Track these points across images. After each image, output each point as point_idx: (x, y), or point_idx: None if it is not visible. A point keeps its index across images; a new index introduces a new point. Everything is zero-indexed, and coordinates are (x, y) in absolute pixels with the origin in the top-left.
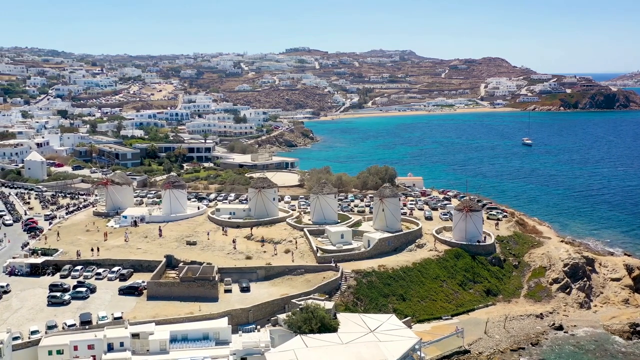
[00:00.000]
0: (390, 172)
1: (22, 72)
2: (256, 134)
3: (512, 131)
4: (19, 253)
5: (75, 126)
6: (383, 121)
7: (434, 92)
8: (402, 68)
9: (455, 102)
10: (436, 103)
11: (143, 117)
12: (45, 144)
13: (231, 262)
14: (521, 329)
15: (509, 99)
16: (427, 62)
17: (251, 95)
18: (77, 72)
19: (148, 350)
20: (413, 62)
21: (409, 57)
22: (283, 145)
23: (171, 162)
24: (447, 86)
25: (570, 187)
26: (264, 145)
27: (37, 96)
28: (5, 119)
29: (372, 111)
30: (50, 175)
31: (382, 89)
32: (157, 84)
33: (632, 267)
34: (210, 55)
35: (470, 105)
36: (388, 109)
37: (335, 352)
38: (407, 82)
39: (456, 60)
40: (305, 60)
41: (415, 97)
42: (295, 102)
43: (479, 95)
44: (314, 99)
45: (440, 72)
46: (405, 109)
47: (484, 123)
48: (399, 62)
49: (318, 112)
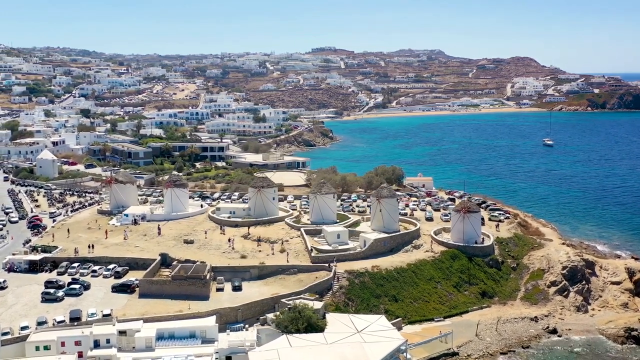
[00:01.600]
0: (397, 172)
1: (49, 72)
2: (275, 134)
3: (534, 131)
4: (18, 250)
5: (96, 125)
6: (405, 121)
7: (459, 92)
8: (429, 68)
9: (481, 102)
10: (461, 103)
11: (164, 117)
12: (60, 142)
13: (226, 261)
14: (514, 332)
15: (536, 99)
16: (455, 61)
17: (275, 94)
18: (103, 71)
19: (134, 347)
20: (440, 62)
21: (436, 56)
22: (302, 145)
23: (184, 161)
24: (473, 86)
25: (584, 188)
26: (283, 144)
27: (61, 95)
28: (28, 118)
29: (395, 111)
30: (62, 173)
31: (407, 89)
32: (180, 84)
33: (634, 270)
34: (236, 55)
35: (496, 105)
36: (412, 109)
37: (319, 352)
38: (433, 81)
39: (484, 59)
40: (330, 60)
41: (441, 97)
42: (318, 102)
43: (505, 95)
44: (338, 99)
45: (468, 71)
46: (429, 108)
47: (506, 123)
48: (426, 62)
49: (341, 111)
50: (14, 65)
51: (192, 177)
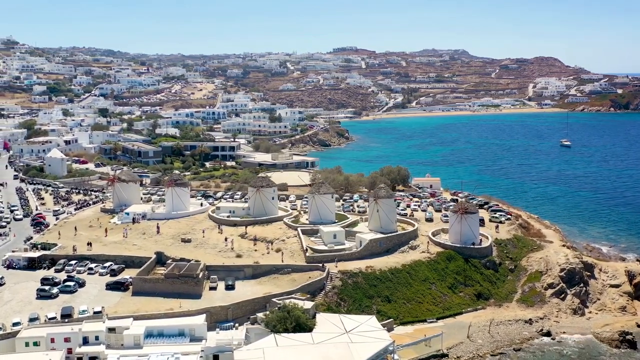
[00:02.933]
0: (403, 172)
1: (70, 72)
2: (290, 133)
3: (552, 132)
4: (18, 247)
5: (112, 124)
6: (424, 121)
7: (480, 92)
8: (451, 67)
9: (502, 102)
10: (482, 103)
11: (180, 116)
12: (73, 141)
13: (222, 260)
14: (506, 334)
15: (558, 100)
16: (478, 61)
17: (294, 94)
18: (123, 71)
19: (122, 344)
20: (463, 62)
21: (459, 56)
22: (317, 145)
23: (195, 159)
24: (495, 86)
25: (595, 189)
26: (298, 144)
27: (81, 95)
28: (46, 117)
29: (415, 111)
30: (71, 172)
31: (428, 89)
32: (199, 83)
33: (634, 273)
34: (258, 54)
35: (517, 106)
36: (432, 109)
37: (304, 351)
38: (454, 81)
39: (507, 59)
40: (351, 60)
41: (461, 97)
42: (337, 102)
43: (527, 95)
44: (357, 99)
45: (491, 71)
46: (449, 109)
47: (525, 123)
48: (448, 62)
49: (360, 111)
50: (36, 65)
51: (199, 176)
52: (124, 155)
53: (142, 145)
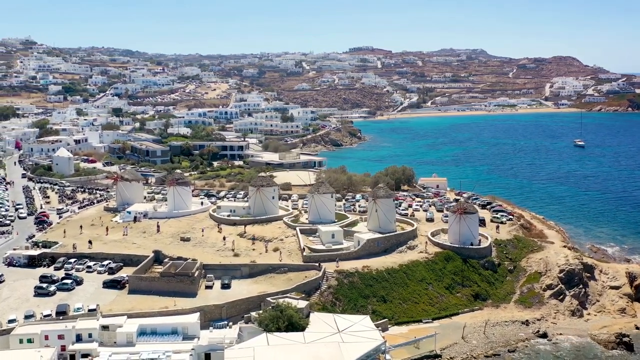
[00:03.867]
0: (408, 172)
1: (86, 71)
2: (302, 133)
3: (566, 132)
4: (19, 245)
5: (125, 124)
6: (438, 121)
7: (496, 92)
8: (468, 67)
9: (518, 102)
10: (498, 103)
11: (193, 116)
12: (83, 140)
13: (219, 259)
14: (502, 335)
15: (575, 99)
16: (495, 61)
17: (309, 94)
18: (139, 71)
19: (115, 342)
20: (480, 61)
21: (477, 56)
22: (328, 144)
23: (203, 159)
24: (511, 86)
25: (604, 189)
26: (309, 144)
27: (96, 94)
28: (60, 117)
29: (430, 111)
30: (78, 171)
31: (444, 89)
32: (213, 83)
33: (635, 275)
34: (274, 54)
35: (534, 106)
36: (447, 109)
37: (294, 351)
38: (470, 81)
39: (525, 59)
40: (367, 60)
41: (477, 96)
42: (352, 102)
43: (544, 95)
44: (372, 99)
45: (508, 71)
46: (464, 108)
47: (540, 123)
48: (465, 62)
49: (374, 111)
50: (53, 65)
51: (205, 175)
52: (132, 154)
53: (150, 144)
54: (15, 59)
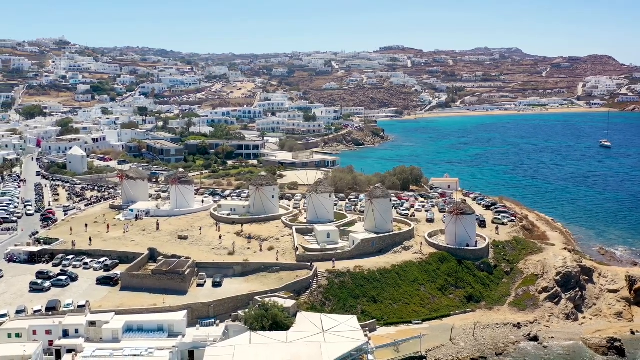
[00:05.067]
0: (416, 172)
1: (116, 71)
2: (324, 132)
3: (594, 132)
4: (21, 241)
5: (148, 122)
6: (465, 121)
7: (528, 92)
8: (501, 66)
9: (549, 101)
10: (528, 103)
11: (216, 115)
12: (101, 139)
13: (214, 257)
14: (492, 338)
15: (607, 99)
16: (529, 60)
17: (337, 93)
18: (167, 70)
19: (101, 338)
20: (514, 60)
21: (511, 55)
22: (350, 144)
23: (218, 158)
24: (543, 85)
25: (621, 191)
26: (331, 143)
27: (123, 93)
28: (85, 115)
29: (458, 110)
30: (92, 169)
31: (474, 88)
32: (239, 82)
33: (635, 278)
34: (305, 53)
35: (565, 105)
36: (475, 109)
37: (275, 350)
38: (501, 80)
39: (559, 58)
40: (397, 59)
41: (508, 96)
42: (379, 101)
43: (576, 94)
44: (399, 98)
45: (542, 70)
46: (494, 108)
47: (569, 123)
48: (498, 60)
49: (401, 111)
50: (83, 65)
51: (215, 174)
52: (148, 153)
53: (165, 143)
54: (48, 59)
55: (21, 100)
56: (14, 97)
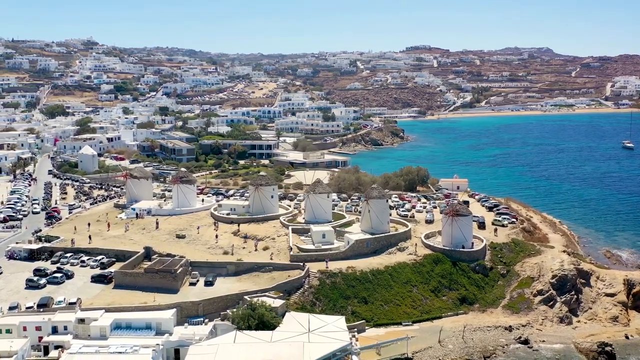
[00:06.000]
0: (422, 173)
1: (140, 71)
2: (342, 132)
3: (618, 133)
4: (24, 239)
5: (167, 122)
6: (488, 121)
7: (554, 92)
8: (529, 66)
9: (576, 102)
10: (555, 103)
11: (236, 115)
12: (116, 138)
13: (209, 257)
14: (481, 341)
15: (636, 99)
16: (559, 59)
17: (360, 93)
18: (191, 70)
19: (89, 335)
20: (543, 60)
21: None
22: (369, 144)
23: (231, 157)
24: (570, 85)
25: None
26: (349, 143)
27: (146, 93)
28: (106, 115)
29: (482, 110)
30: (102, 168)
31: (500, 88)
32: (261, 82)
33: (634, 282)
34: (331, 53)
35: (592, 106)
36: (500, 109)
37: (257, 349)
38: (528, 80)
39: (589, 57)
40: (423, 59)
41: (534, 96)
42: (403, 101)
43: (604, 95)
44: (423, 98)
45: (571, 70)
46: (519, 108)
47: (594, 124)
48: (527, 60)
49: (424, 111)
50: (109, 65)
51: (223, 174)
52: (160, 152)
53: (177, 142)
54: (74, 59)
55: (45, 100)
56: (39, 96)
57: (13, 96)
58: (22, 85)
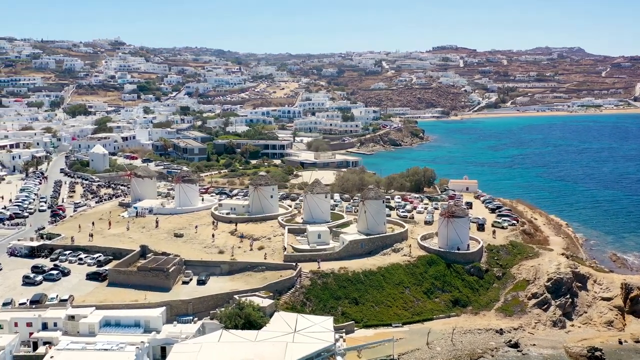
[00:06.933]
0: (429, 174)
1: (164, 71)
2: (361, 132)
3: None
4: (27, 236)
5: (186, 122)
6: (512, 122)
7: (582, 92)
8: (558, 66)
9: (604, 102)
10: (582, 103)
11: (256, 114)
12: (131, 138)
13: (204, 255)
14: (470, 343)
15: None
16: (589, 59)
17: (384, 93)
18: (214, 70)
19: (78, 332)
20: (572, 60)
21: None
22: (387, 144)
23: (243, 157)
24: (599, 85)
25: None
26: (367, 143)
27: (169, 93)
28: (127, 114)
29: (507, 111)
30: (113, 166)
31: (527, 88)
32: (283, 82)
33: (631, 286)
34: (357, 53)
35: (621, 106)
36: (526, 109)
37: (240, 348)
38: (556, 80)
39: (621, 57)
40: (449, 59)
41: (561, 96)
42: (427, 101)
43: (633, 95)
44: (447, 98)
45: (601, 70)
46: (545, 109)
47: (620, 125)
48: (556, 60)
49: (448, 111)
50: (134, 65)
51: (234, 173)
52: (173, 152)
53: (190, 142)
54: (100, 59)
55: (70, 100)
56: (63, 96)
57: (38, 96)
58: (47, 85)
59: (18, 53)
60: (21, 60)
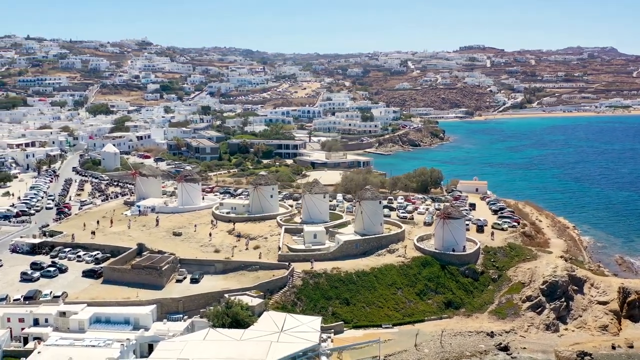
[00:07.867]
0: (436, 174)
1: (188, 71)
2: (380, 132)
3: None
4: (31, 233)
5: (206, 121)
6: (537, 122)
7: (611, 92)
8: (587, 66)
9: (633, 103)
10: (610, 104)
11: (276, 114)
12: (146, 137)
13: (201, 254)
14: (459, 346)
15: None
16: (620, 59)
17: (408, 93)
18: (238, 70)
19: (69, 328)
20: (603, 60)
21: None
22: (406, 144)
23: (256, 156)
24: (629, 85)
25: None
26: (386, 143)
27: (191, 93)
28: (148, 114)
29: (533, 111)
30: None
31: (554, 89)
32: (306, 82)
33: (629, 290)
34: (384, 53)
35: None
36: (552, 110)
37: (224, 347)
38: (584, 81)
39: None
40: (476, 59)
41: (589, 97)
42: (451, 101)
43: None
44: (472, 98)
45: (632, 70)
46: (571, 109)
47: None
48: (586, 60)
49: (472, 111)
50: (158, 65)
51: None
52: (186, 151)
53: (202, 141)
54: (126, 59)
55: (93, 99)
56: (87, 95)
57: (62, 95)
58: (72, 85)
59: (45, 53)
60: (48, 60)
